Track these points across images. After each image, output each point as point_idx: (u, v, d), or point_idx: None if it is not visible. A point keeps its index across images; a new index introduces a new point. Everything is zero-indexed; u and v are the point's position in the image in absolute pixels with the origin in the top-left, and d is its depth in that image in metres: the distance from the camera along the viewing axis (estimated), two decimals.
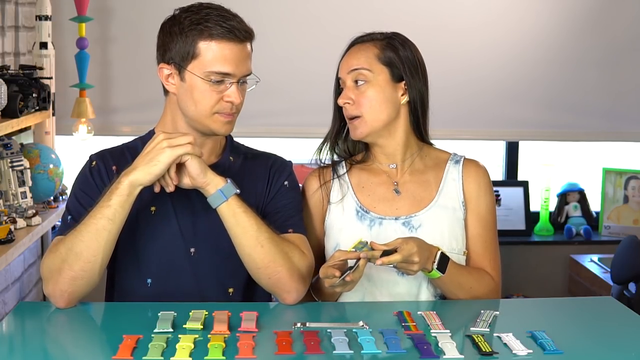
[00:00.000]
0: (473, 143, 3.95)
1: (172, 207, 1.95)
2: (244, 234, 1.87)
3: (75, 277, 1.82)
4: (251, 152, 2.10)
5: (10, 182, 2.76)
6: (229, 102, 1.90)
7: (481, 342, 1.69)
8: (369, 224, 2.05)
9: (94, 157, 2.02)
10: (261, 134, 3.54)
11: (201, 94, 1.89)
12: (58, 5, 3.36)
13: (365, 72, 2.03)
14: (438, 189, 2.09)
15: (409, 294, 2.03)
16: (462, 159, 2.14)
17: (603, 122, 3.83)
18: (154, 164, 1.81)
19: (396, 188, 2.09)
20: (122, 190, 1.81)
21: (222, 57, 1.88)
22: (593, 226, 3.97)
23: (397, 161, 2.10)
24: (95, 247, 1.81)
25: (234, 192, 1.86)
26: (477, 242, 2.08)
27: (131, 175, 1.81)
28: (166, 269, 1.95)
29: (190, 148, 1.82)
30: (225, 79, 1.89)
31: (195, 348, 1.63)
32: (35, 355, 1.67)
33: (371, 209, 2.07)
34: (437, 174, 2.11)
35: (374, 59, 2.04)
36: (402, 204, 2.07)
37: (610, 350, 1.72)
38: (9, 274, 2.92)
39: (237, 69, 1.89)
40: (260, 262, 1.88)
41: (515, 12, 3.70)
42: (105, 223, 1.81)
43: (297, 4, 3.62)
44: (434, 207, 2.06)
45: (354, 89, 2.03)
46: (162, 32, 1.95)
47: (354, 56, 2.05)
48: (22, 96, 2.68)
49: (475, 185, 2.10)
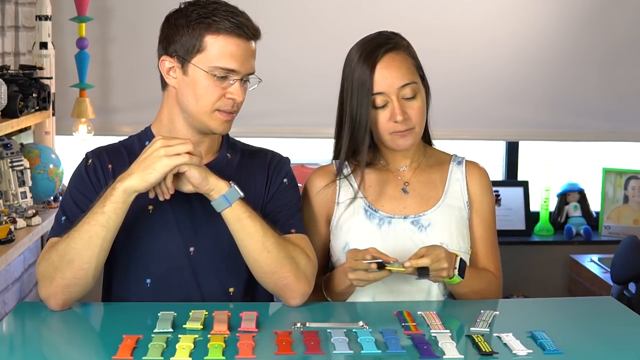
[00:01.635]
0: (473, 143, 3.95)
1: (170, 205, 1.90)
2: (249, 238, 1.85)
3: (68, 285, 1.80)
4: (248, 149, 2.08)
5: (10, 182, 2.77)
6: (231, 99, 1.88)
7: (481, 342, 1.69)
8: (378, 223, 2.05)
9: (90, 155, 1.99)
10: (260, 134, 3.54)
11: (204, 89, 1.87)
12: (58, 5, 3.36)
13: (414, 86, 2.00)
14: (444, 188, 2.10)
15: (420, 292, 2.03)
16: (463, 160, 2.15)
17: (603, 122, 3.83)
18: (149, 172, 1.77)
19: (405, 187, 2.09)
20: (116, 197, 1.77)
21: (229, 53, 1.85)
22: (593, 226, 3.97)
23: (407, 163, 2.11)
24: (88, 254, 1.78)
25: (238, 197, 1.84)
26: (481, 242, 2.10)
27: (126, 181, 1.77)
28: (165, 268, 1.93)
29: (188, 158, 1.78)
30: (229, 75, 1.87)
31: (195, 348, 1.62)
32: (35, 355, 1.67)
33: (379, 207, 2.07)
34: (441, 174, 2.12)
35: (414, 69, 2.02)
36: (410, 203, 2.08)
37: (610, 350, 1.71)
38: (9, 274, 2.92)
39: (242, 66, 1.87)
40: (267, 268, 1.87)
41: (515, 12, 3.70)
42: (99, 230, 1.78)
43: (297, 4, 3.62)
44: (442, 206, 2.07)
45: (404, 102, 1.99)
46: (166, 23, 1.92)
47: (396, 70, 1.98)
48: (22, 96, 2.68)
49: (479, 186, 2.11)
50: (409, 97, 1.99)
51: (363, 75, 1.98)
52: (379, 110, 2.00)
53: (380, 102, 1.99)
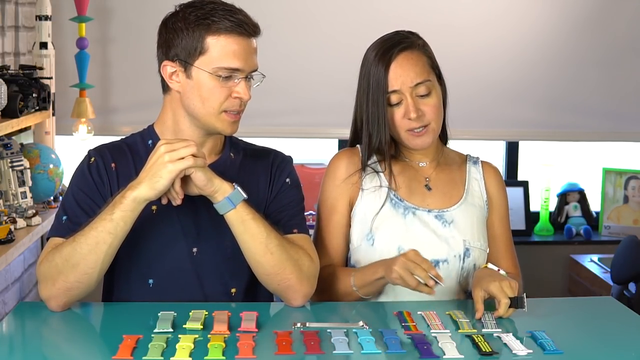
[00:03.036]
0: (473, 143, 3.94)
1: (173, 206, 1.89)
2: (252, 240, 1.85)
3: (70, 288, 1.80)
4: (250, 148, 2.08)
5: (10, 182, 2.77)
6: (237, 98, 1.86)
7: (481, 342, 1.69)
8: (403, 212, 2.06)
9: (93, 153, 1.97)
10: (262, 133, 3.53)
11: (209, 91, 1.86)
12: (58, 5, 3.36)
13: (429, 84, 2.02)
14: (464, 187, 2.13)
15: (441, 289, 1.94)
16: (478, 160, 2.19)
17: (603, 122, 3.83)
18: (156, 180, 1.76)
19: (427, 184, 2.10)
20: (126, 205, 1.77)
21: (232, 52, 1.84)
22: (593, 226, 3.97)
23: (427, 160, 2.13)
24: (93, 259, 1.78)
25: (242, 199, 1.83)
26: (501, 241, 2.14)
27: (136, 190, 1.76)
28: (168, 269, 1.93)
29: (192, 161, 1.77)
30: (234, 74, 1.85)
31: (195, 348, 1.63)
32: (35, 355, 1.67)
33: (404, 198, 2.08)
34: (460, 173, 2.15)
35: (429, 68, 2.04)
36: (433, 200, 2.10)
37: (610, 350, 1.71)
38: (9, 274, 2.92)
39: (246, 64, 1.86)
40: (270, 269, 1.87)
41: (515, 12, 3.70)
42: (106, 236, 1.77)
43: (298, 4, 3.62)
44: (464, 203, 2.10)
45: (418, 100, 2.02)
46: (164, 28, 1.90)
47: (411, 69, 2.01)
48: (22, 96, 2.69)
49: (496, 186, 2.16)
50: (423, 94, 2.02)
51: (378, 74, 2.01)
52: (394, 107, 2.03)
53: (395, 99, 2.02)
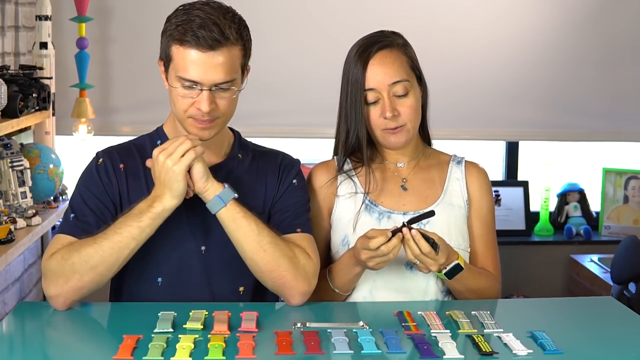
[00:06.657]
0: (473, 143, 3.95)
1: (181, 205, 1.89)
2: (245, 238, 1.86)
3: (82, 287, 1.82)
4: (259, 150, 2.09)
5: (10, 182, 2.76)
6: (198, 108, 1.86)
7: (481, 342, 1.69)
8: (377, 217, 2.06)
9: (101, 154, 1.99)
10: (261, 133, 3.52)
11: (175, 97, 1.88)
12: (58, 5, 3.36)
13: (406, 84, 2.02)
14: (443, 187, 2.11)
15: (417, 289, 2.04)
16: (463, 160, 2.17)
17: (603, 122, 3.83)
18: (174, 188, 1.81)
19: (404, 185, 2.10)
20: (154, 214, 1.81)
21: (189, 64, 1.83)
22: (593, 226, 3.97)
23: (405, 160, 2.12)
24: (112, 262, 1.82)
25: (232, 197, 1.85)
26: (479, 242, 2.12)
27: (164, 201, 1.81)
28: (177, 267, 1.94)
29: (193, 154, 1.81)
30: (194, 86, 1.86)
31: (195, 348, 1.63)
32: (35, 355, 1.67)
33: (379, 202, 2.08)
34: (440, 174, 2.13)
35: (408, 68, 2.04)
36: (409, 200, 2.09)
37: (610, 350, 1.71)
38: (9, 274, 2.92)
39: (205, 77, 1.84)
40: (264, 267, 1.88)
41: (515, 12, 3.70)
42: (130, 242, 1.81)
43: (296, 5, 3.62)
44: (441, 204, 2.09)
45: (395, 99, 2.01)
46: None
47: (389, 67, 2.01)
48: (22, 96, 2.68)
49: (478, 186, 2.13)
50: (401, 94, 2.01)
51: (357, 71, 2.02)
52: (370, 106, 2.03)
53: (372, 98, 2.02)
